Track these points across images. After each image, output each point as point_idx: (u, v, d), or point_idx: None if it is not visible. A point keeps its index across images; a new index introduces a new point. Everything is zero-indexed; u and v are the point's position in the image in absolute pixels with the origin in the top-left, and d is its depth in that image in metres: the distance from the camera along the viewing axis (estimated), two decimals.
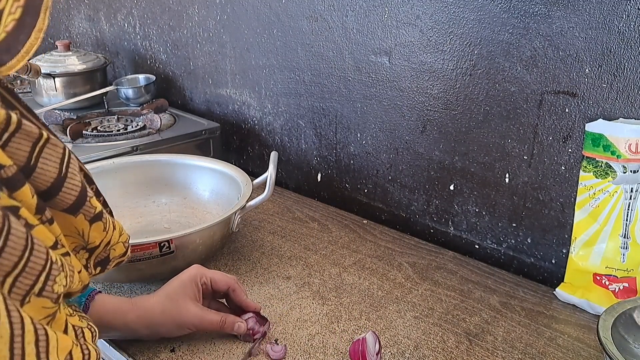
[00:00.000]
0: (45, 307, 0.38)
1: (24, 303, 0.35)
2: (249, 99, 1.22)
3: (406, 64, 0.91)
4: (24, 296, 0.35)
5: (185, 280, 0.66)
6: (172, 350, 0.66)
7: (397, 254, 0.89)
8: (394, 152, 0.99)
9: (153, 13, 1.39)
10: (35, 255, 0.36)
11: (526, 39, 0.77)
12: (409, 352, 0.67)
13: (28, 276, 0.35)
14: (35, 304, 0.36)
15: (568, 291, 0.78)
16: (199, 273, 0.67)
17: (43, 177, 0.40)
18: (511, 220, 0.88)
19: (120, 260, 0.52)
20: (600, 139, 0.72)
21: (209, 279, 0.68)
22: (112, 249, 0.50)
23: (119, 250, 0.51)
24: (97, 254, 0.48)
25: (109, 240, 0.48)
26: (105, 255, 0.49)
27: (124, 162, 0.98)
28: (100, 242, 0.47)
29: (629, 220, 0.72)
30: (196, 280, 0.66)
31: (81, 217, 0.44)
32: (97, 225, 0.46)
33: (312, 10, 1.02)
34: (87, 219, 0.44)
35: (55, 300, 0.38)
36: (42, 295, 0.37)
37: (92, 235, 0.46)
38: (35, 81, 1.34)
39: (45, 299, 0.37)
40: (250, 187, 0.86)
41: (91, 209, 0.45)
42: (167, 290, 0.66)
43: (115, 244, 0.50)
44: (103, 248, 0.48)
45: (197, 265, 0.69)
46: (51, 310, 0.38)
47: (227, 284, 0.68)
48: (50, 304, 0.38)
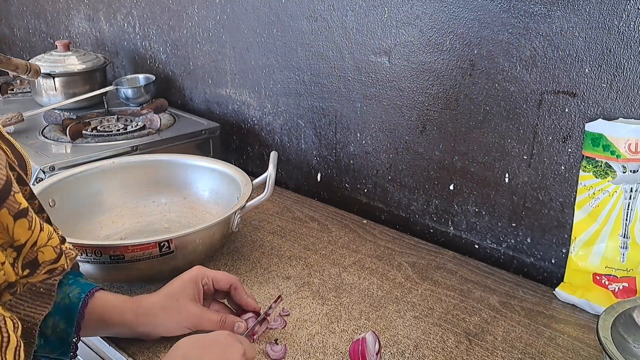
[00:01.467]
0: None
1: None
2: (249, 98, 1.22)
3: (406, 63, 0.91)
4: None
5: (186, 280, 0.66)
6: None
7: (396, 253, 0.89)
8: (393, 152, 0.99)
9: (153, 13, 1.39)
10: None
11: (526, 39, 0.77)
12: (408, 352, 0.67)
13: None
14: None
15: (568, 291, 0.78)
16: (200, 273, 0.67)
17: None
18: (511, 220, 0.88)
19: (52, 267, 0.50)
20: (600, 138, 0.72)
21: (210, 279, 0.68)
22: (40, 252, 0.48)
23: (47, 254, 0.49)
24: (24, 254, 0.46)
25: (35, 240, 0.47)
26: (33, 257, 0.48)
27: (124, 162, 0.98)
28: (26, 242, 0.46)
29: (628, 220, 0.72)
30: (197, 280, 0.67)
31: (5, 212, 0.43)
32: (21, 222, 0.44)
33: (312, 10, 1.02)
34: (11, 213, 0.43)
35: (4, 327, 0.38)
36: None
37: (16, 232, 0.44)
38: (34, 81, 1.34)
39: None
40: (250, 187, 0.86)
41: (15, 204, 0.44)
42: (168, 289, 0.66)
43: (42, 247, 0.48)
44: (29, 248, 0.47)
45: (199, 266, 0.69)
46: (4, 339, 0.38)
47: (228, 282, 0.69)
48: None
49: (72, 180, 0.91)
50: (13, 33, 2.06)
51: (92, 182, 0.93)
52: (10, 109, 1.28)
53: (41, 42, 1.91)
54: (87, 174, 0.93)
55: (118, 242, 0.72)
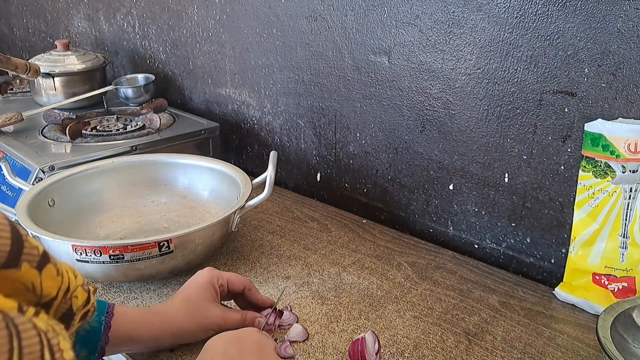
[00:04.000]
0: None
1: None
2: (249, 98, 1.22)
3: (405, 63, 0.91)
4: None
5: (203, 283, 0.66)
6: (171, 350, 0.66)
7: (396, 253, 0.89)
8: (393, 151, 0.99)
9: (152, 12, 1.38)
10: (25, 338, 0.28)
11: (525, 39, 0.77)
12: (408, 352, 0.67)
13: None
14: None
15: (567, 291, 0.78)
16: (215, 275, 0.67)
17: None
18: (510, 220, 0.88)
19: (85, 310, 0.43)
20: (599, 138, 0.72)
21: (225, 280, 0.67)
22: (74, 297, 0.40)
23: (80, 297, 0.42)
24: (56, 307, 0.38)
25: (67, 286, 0.39)
26: (67, 307, 0.39)
27: (123, 162, 0.98)
28: (58, 292, 0.38)
29: (628, 219, 0.72)
30: (213, 282, 0.66)
31: (26, 267, 0.34)
32: (48, 270, 0.36)
33: (312, 9, 1.02)
34: (34, 265, 0.35)
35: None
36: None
37: (45, 286, 0.36)
38: (34, 81, 1.34)
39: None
40: (249, 186, 0.86)
41: (34, 251, 0.35)
42: (186, 294, 0.65)
43: (75, 290, 0.41)
44: (62, 298, 0.38)
45: (211, 268, 0.68)
46: None
47: (242, 283, 0.69)
48: None
49: (72, 180, 0.91)
50: (13, 33, 2.06)
51: (92, 181, 0.93)
52: (9, 108, 1.28)
53: (41, 42, 1.91)
54: (86, 173, 0.93)
55: (117, 242, 0.72)
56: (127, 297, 0.77)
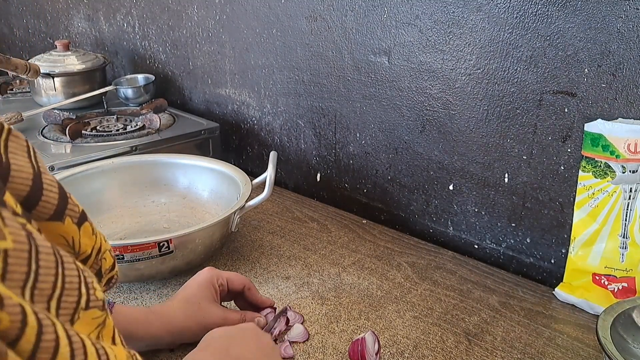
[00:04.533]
0: (95, 318, 0.34)
1: (74, 321, 0.31)
2: (248, 98, 1.22)
3: (405, 63, 0.91)
4: (73, 314, 0.31)
5: (203, 282, 0.66)
6: (171, 350, 0.66)
7: (396, 253, 0.89)
8: (393, 152, 0.99)
9: (152, 13, 1.39)
10: (68, 268, 0.31)
11: (525, 39, 0.77)
12: (408, 352, 0.67)
13: (70, 292, 0.31)
14: (85, 318, 0.32)
15: (567, 291, 0.78)
16: (215, 274, 0.67)
17: (21, 176, 0.33)
18: (510, 220, 0.88)
19: (110, 275, 0.45)
20: (599, 139, 0.72)
21: (225, 279, 0.68)
22: (103, 259, 0.43)
23: (108, 260, 0.44)
24: (90, 266, 0.41)
25: (99, 246, 0.42)
26: (98, 267, 0.42)
27: (123, 162, 0.98)
28: (92, 250, 0.41)
29: (628, 220, 0.72)
30: (213, 281, 0.66)
31: (69, 222, 0.37)
32: (85, 228, 0.39)
33: (312, 10, 1.02)
34: (75, 221, 0.38)
35: (102, 308, 0.34)
36: (90, 307, 0.33)
37: (83, 243, 0.39)
38: (34, 81, 1.34)
39: (94, 309, 0.33)
40: (249, 187, 0.86)
41: (75, 208, 0.38)
42: (186, 294, 0.65)
43: (104, 252, 0.43)
44: (95, 258, 0.41)
45: (211, 268, 0.68)
46: (101, 319, 0.34)
47: (242, 283, 0.69)
48: (98, 312, 0.34)
49: (72, 180, 0.91)
50: (12, 33, 2.06)
51: (92, 182, 0.93)
52: (9, 108, 1.28)
53: (41, 42, 1.91)
54: (86, 174, 0.93)
55: (117, 242, 0.72)
56: (127, 297, 0.77)
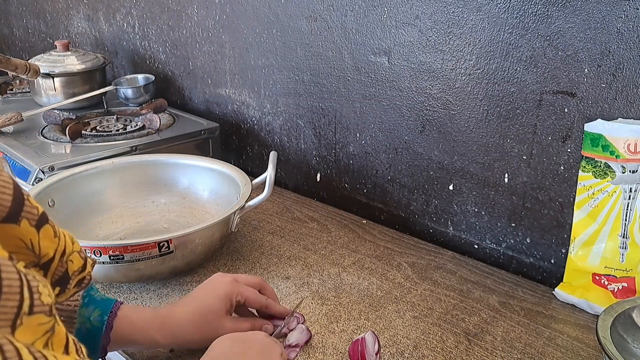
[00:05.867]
0: (41, 324, 0.32)
1: (16, 327, 0.30)
2: (248, 98, 1.22)
3: (405, 64, 0.91)
4: (14, 320, 0.30)
5: (222, 297, 0.63)
6: (171, 351, 0.66)
7: (396, 253, 0.89)
8: (393, 152, 0.99)
9: (152, 13, 1.38)
10: (5, 271, 0.29)
11: (525, 39, 0.77)
12: (408, 352, 0.67)
13: (10, 297, 0.29)
14: (29, 324, 0.31)
15: (567, 291, 0.78)
16: (236, 291, 0.65)
17: None
18: (510, 220, 0.88)
19: (81, 276, 0.44)
20: (599, 139, 0.72)
21: (244, 297, 0.65)
22: (69, 261, 0.41)
23: (76, 262, 0.43)
24: (54, 269, 0.39)
25: (62, 249, 0.40)
26: (63, 270, 0.41)
27: (123, 162, 0.98)
28: (55, 253, 0.39)
29: (627, 220, 0.72)
30: (232, 297, 0.64)
31: (25, 224, 0.36)
32: (45, 230, 0.38)
33: (312, 10, 1.02)
34: (33, 224, 0.36)
35: (49, 313, 0.33)
36: (34, 312, 0.31)
37: (43, 246, 0.38)
38: (34, 81, 1.34)
39: (39, 314, 0.32)
40: (249, 187, 0.86)
41: (33, 210, 0.37)
42: (203, 304, 0.63)
43: (70, 255, 0.42)
44: (59, 261, 0.40)
45: (234, 281, 0.65)
46: (49, 325, 0.33)
47: (259, 304, 0.67)
48: (45, 318, 0.33)
49: (72, 180, 0.91)
50: (12, 33, 2.06)
51: (92, 182, 0.93)
52: (9, 109, 1.28)
53: (40, 42, 1.91)
54: (86, 174, 0.93)
55: (117, 242, 0.72)
56: (127, 298, 0.77)
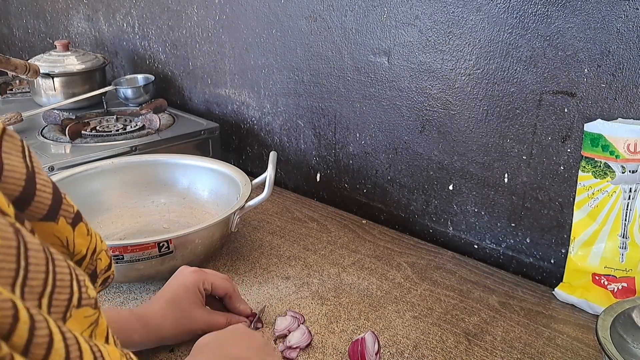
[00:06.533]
0: (87, 316, 0.33)
1: (66, 319, 0.31)
2: (248, 99, 1.22)
3: (405, 64, 0.91)
4: (65, 312, 0.31)
5: (189, 285, 0.66)
6: (171, 350, 0.66)
7: (396, 254, 0.89)
8: (393, 152, 0.99)
9: (152, 13, 1.38)
10: (59, 265, 0.30)
11: (525, 39, 0.77)
12: (408, 352, 0.67)
13: (62, 290, 0.30)
14: (77, 317, 0.32)
15: (567, 291, 0.78)
16: (201, 278, 0.67)
17: (13, 176, 0.32)
18: (510, 220, 0.88)
19: (106, 275, 0.45)
20: (599, 139, 0.72)
21: (210, 284, 0.68)
22: (98, 259, 0.43)
23: (104, 260, 0.44)
24: (85, 267, 0.41)
25: (94, 247, 0.41)
26: (93, 267, 0.42)
27: (123, 162, 0.98)
28: (87, 251, 0.40)
29: (627, 220, 0.72)
30: (199, 285, 0.67)
31: (63, 222, 0.37)
32: (80, 228, 0.38)
33: (311, 10, 1.02)
34: (69, 222, 0.37)
35: (95, 306, 0.34)
36: (82, 305, 0.32)
37: (77, 243, 0.38)
38: (34, 81, 1.34)
39: (86, 307, 0.33)
40: (249, 187, 0.86)
41: (70, 208, 0.37)
42: (172, 298, 0.65)
43: (99, 253, 0.43)
44: (90, 258, 0.41)
45: (197, 270, 0.68)
46: (94, 317, 0.34)
47: (225, 290, 0.69)
48: (91, 311, 0.34)
49: (72, 180, 0.91)
50: (12, 33, 2.06)
51: (92, 182, 0.93)
52: (9, 109, 1.28)
53: (40, 42, 1.91)
54: (86, 174, 0.93)
55: (117, 242, 0.72)
56: (126, 298, 0.77)
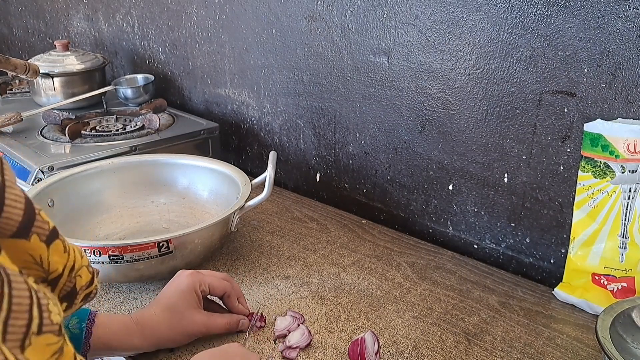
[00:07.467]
0: (50, 344, 0.32)
1: (25, 348, 0.29)
2: (248, 98, 1.22)
3: (405, 63, 0.91)
4: (23, 340, 0.29)
5: (185, 289, 0.66)
6: (170, 351, 0.66)
7: (395, 253, 0.89)
8: (392, 152, 0.99)
9: (152, 13, 1.38)
10: (16, 288, 0.29)
11: (525, 39, 0.77)
12: (407, 352, 0.67)
13: (19, 315, 0.29)
14: (38, 344, 0.30)
15: (567, 291, 0.78)
16: (197, 280, 0.67)
17: None
18: (510, 220, 0.88)
19: (88, 291, 0.43)
20: (598, 139, 0.72)
21: (207, 285, 0.68)
22: (78, 276, 0.41)
23: (84, 277, 0.42)
24: (62, 285, 0.39)
25: (72, 264, 0.39)
26: (72, 285, 0.40)
27: (123, 162, 0.97)
28: (63, 269, 0.38)
29: (627, 220, 0.72)
30: (195, 288, 0.66)
31: (35, 239, 0.35)
32: (55, 245, 0.37)
33: (311, 10, 1.02)
34: (43, 239, 0.35)
35: (58, 333, 0.32)
36: (43, 331, 0.31)
37: (53, 261, 0.37)
38: (33, 81, 1.34)
39: (48, 334, 0.31)
40: (249, 187, 0.86)
41: (44, 225, 0.36)
42: (169, 302, 0.65)
43: (79, 270, 0.41)
44: (67, 276, 0.39)
45: (193, 272, 0.68)
46: (57, 345, 0.32)
47: (223, 290, 0.69)
48: (54, 338, 0.32)
49: (71, 180, 0.90)
50: (12, 33, 2.06)
51: (91, 182, 0.93)
52: (9, 109, 1.28)
53: (40, 42, 1.91)
54: (86, 174, 0.93)
55: (117, 242, 0.72)
56: (126, 298, 0.77)
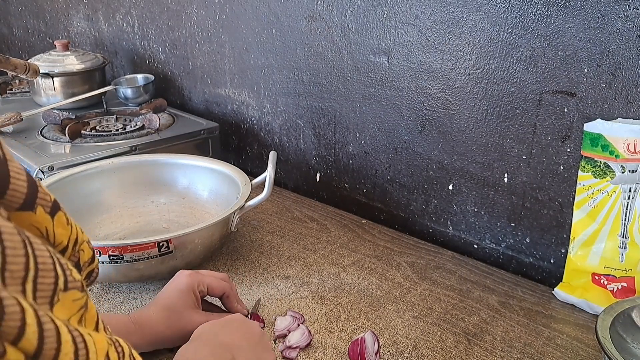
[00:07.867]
0: (75, 300, 0.32)
1: (54, 304, 0.30)
2: (248, 98, 1.22)
3: (405, 63, 0.91)
4: (52, 297, 0.30)
5: (184, 289, 0.66)
6: (170, 350, 0.66)
7: (395, 253, 0.89)
8: (392, 151, 0.99)
9: (152, 13, 1.38)
10: (38, 249, 0.29)
11: (525, 39, 0.77)
12: (407, 352, 0.67)
13: (46, 274, 0.29)
14: (65, 301, 0.31)
15: (567, 291, 0.78)
16: (195, 280, 0.67)
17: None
18: (510, 220, 0.88)
19: (90, 268, 0.44)
20: (598, 138, 0.72)
21: (205, 285, 0.68)
22: (81, 250, 0.41)
23: (87, 252, 0.42)
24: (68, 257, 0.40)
25: (75, 237, 0.40)
26: (76, 259, 0.41)
27: (123, 162, 0.98)
28: (68, 241, 0.39)
29: (627, 220, 0.72)
30: (194, 288, 0.67)
31: (41, 211, 0.35)
32: (59, 217, 0.37)
33: (311, 10, 1.02)
34: (47, 211, 0.36)
35: (82, 289, 0.33)
36: (69, 288, 0.31)
37: (58, 233, 0.37)
38: (33, 81, 1.34)
39: (73, 290, 0.32)
40: (249, 187, 0.86)
41: (47, 197, 0.36)
42: (167, 303, 0.65)
43: (81, 244, 0.41)
44: (72, 249, 0.40)
45: (192, 273, 0.68)
46: (82, 301, 0.33)
47: (222, 290, 0.69)
48: (79, 294, 0.33)
49: (71, 180, 0.90)
50: (12, 33, 2.06)
51: (91, 182, 0.93)
52: (9, 108, 1.28)
53: (40, 42, 1.91)
54: (86, 174, 0.93)
55: (117, 242, 0.72)
56: (126, 298, 0.77)
